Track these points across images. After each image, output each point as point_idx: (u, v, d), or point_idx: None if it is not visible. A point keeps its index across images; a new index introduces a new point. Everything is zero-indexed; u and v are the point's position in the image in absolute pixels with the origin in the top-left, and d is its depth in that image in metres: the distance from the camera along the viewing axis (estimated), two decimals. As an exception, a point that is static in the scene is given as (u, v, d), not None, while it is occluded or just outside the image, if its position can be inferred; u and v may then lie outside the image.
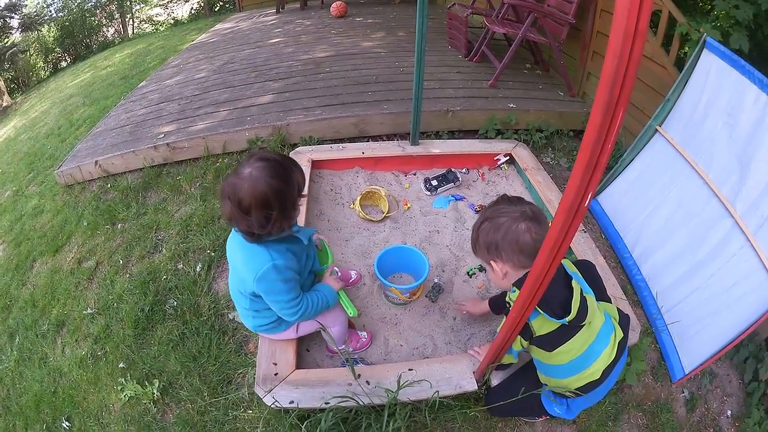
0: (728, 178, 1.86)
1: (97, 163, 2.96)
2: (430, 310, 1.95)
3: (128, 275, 2.32)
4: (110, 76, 5.88)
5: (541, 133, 3.03)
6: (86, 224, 2.73)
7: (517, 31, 3.25)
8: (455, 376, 1.56)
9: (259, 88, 3.50)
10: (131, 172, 2.97)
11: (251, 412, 1.68)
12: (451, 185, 2.56)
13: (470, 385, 1.54)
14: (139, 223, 2.61)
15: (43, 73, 10.77)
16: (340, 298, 1.59)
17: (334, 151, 2.68)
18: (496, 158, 2.71)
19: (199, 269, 2.21)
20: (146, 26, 13.21)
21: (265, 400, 1.50)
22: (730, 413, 1.83)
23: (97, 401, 1.91)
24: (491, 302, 1.79)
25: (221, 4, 10.53)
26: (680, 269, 1.97)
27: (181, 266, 2.27)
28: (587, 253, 2.04)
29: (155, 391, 1.80)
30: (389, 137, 3.01)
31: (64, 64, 10.93)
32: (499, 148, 2.77)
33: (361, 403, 1.44)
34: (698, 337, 1.81)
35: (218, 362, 1.85)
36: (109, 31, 12.28)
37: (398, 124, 2.96)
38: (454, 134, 3.05)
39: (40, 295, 2.47)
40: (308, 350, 1.79)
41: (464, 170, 2.67)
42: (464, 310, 1.87)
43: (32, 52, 10.87)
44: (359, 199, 2.37)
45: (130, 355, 1.97)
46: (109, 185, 2.95)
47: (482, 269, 2.08)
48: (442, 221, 2.37)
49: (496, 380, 1.57)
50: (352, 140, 2.96)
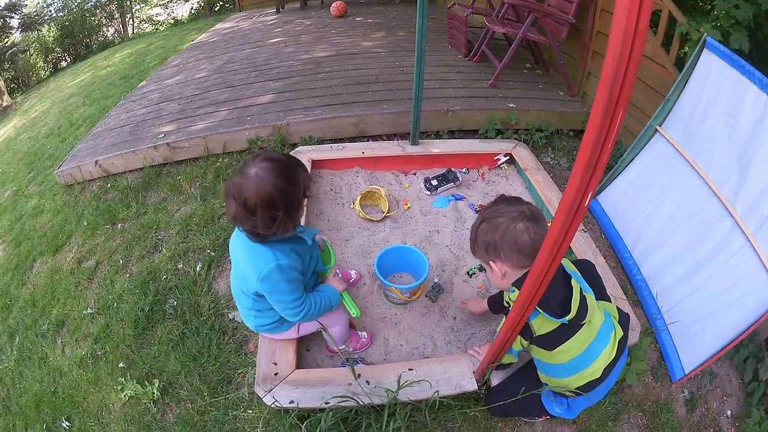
0: (728, 178, 1.87)
1: (97, 162, 2.96)
2: (430, 309, 1.95)
3: (128, 275, 2.33)
4: (110, 75, 5.88)
5: (541, 132, 3.03)
6: (86, 224, 2.73)
7: (517, 30, 3.25)
8: (455, 375, 1.56)
9: (259, 87, 3.50)
10: (131, 171, 2.97)
11: (251, 411, 1.68)
12: (451, 185, 2.56)
13: (470, 384, 1.54)
14: (139, 222, 2.61)
15: (43, 72, 10.78)
16: (343, 299, 1.59)
17: (334, 150, 2.68)
18: (496, 158, 2.71)
19: (199, 269, 2.21)
20: (146, 26, 13.23)
21: (265, 399, 1.50)
22: (730, 413, 1.83)
23: (97, 401, 1.91)
24: (489, 301, 1.79)
25: (221, 3, 10.53)
26: (680, 269, 1.97)
27: (181, 266, 2.27)
28: (587, 252, 2.04)
29: (155, 390, 1.80)
30: (389, 137, 3.01)
31: (64, 63, 10.94)
32: (499, 147, 2.77)
33: (361, 402, 1.44)
34: (698, 337, 1.81)
35: (218, 362, 1.85)
36: (109, 30, 12.30)
37: (398, 123, 2.96)
38: (454, 134, 3.05)
39: (40, 294, 2.47)
40: (308, 350, 1.79)
41: (464, 170, 2.67)
42: (466, 308, 1.87)
43: (32, 51, 10.89)
44: (359, 198, 2.37)
45: (130, 354, 1.97)
46: (109, 185, 2.95)
47: (482, 269, 2.09)
48: (442, 221, 2.37)
49: (496, 380, 1.57)
50: (352, 140, 2.96)
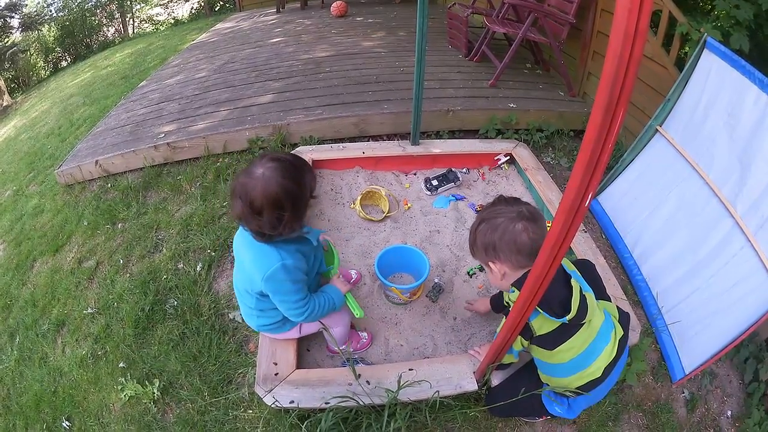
0: (729, 178, 1.86)
1: (97, 162, 2.97)
2: (430, 310, 1.95)
3: (128, 275, 2.33)
4: (110, 75, 5.88)
5: (541, 132, 3.03)
6: (86, 224, 2.73)
7: (517, 30, 3.24)
8: (455, 376, 1.56)
9: (259, 87, 3.50)
10: (131, 171, 2.97)
11: (251, 411, 1.68)
12: (451, 185, 2.56)
13: (470, 385, 1.54)
14: (139, 222, 2.61)
15: (43, 72, 10.78)
16: (347, 300, 1.60)
17: (334, 150, 2.68)
18: (496, 158, 2.71)
19: (199, 269, 2.21)
20: (146, 26, 13.23)
21: (265, 399, 1.50)
22: (730, 413, 1.83)
23: (97, 401, 1.91)
24: (492, 300, 1.80)
25: (221, 3, 10.52)
26: (681, 269, 1.97)
27: (181, 266, 2.27)
28: (587, 253, 2.04)
29: (155, 390, 1.80)
30: (390, 137, 3.01)
31: (64, 63, 10.94)
32: (499, 147, 2.76)
33: (361, 403, 1.44)
34: (698, 337, 1.81)
35: (218, 362, 1.85)
36: (109, 30, 12.30)
37: (399, 123, 2.96)
38: (454, 134, 3.05)
39: (40, 294, 2.47)
40: (308, 350, 1.79)
41: (465, 170, 2.67)
42: (474, 309, 1.87)
43: (32, 51, 10.89)
44: (359, 198, 2.37)
45: (130, 354, 1.97)
46: (109, 185, 2.95)
47: (483, 269, 2.09)
48: (442, 221, 2.37)
49: (496, 380, 1.57)
50: (352, 140, 2.96)
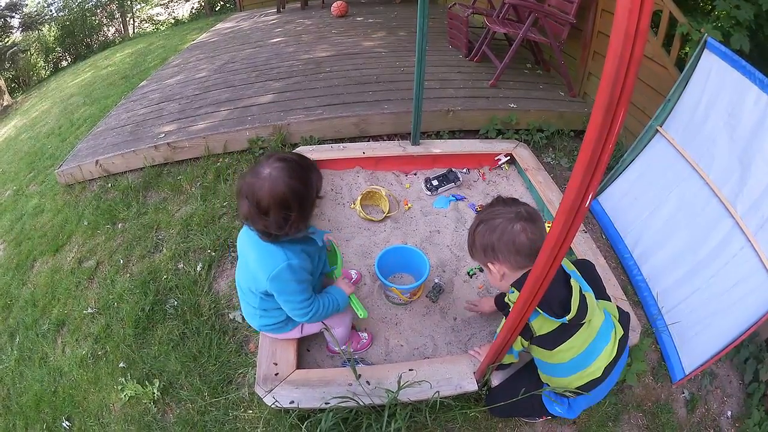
0: (729, 178, 1.86)
1: (97, 162, 2.97)
2: (430, 310, 1.95)
3: (129, 275, 2.33)
4: (111, 75, 5.88)
5: (541, 133, 3.03)
6: (87, 224, 2.73)
7: (517, 30, 3.24)
8: (456, 376, 1.56)
9: (259, 87, 3.50)
10: (132, 171, 2.97)
11: (251, 412, 1.68)
12: (451, 185, 2.56)
13: (471, 385, 1.54)
14: (139, 222, 2.61)
15: (43, 72, 10.78)
16: (351, 301, 1.60)
17: (334, 150, 2.68)
18: (496, 158, 2.71)
19: (199, 269, 2.21)
20: (147, 26, 13.22)
21: (265, 400, 1.50)
22: (730, 414, 1.83)
23: (97, 401, 1.91)
24: (496, 300, 1.81)
25: (222, 3, 10.52)
26: (681, 270, 1.97)
27: (181, 266, 2.27)
28: (588, 253, 2.04)
29: (155, 390, 1.80)
30: (390, 137, 3.01)
31: (64, 63, 10.94)
32: (499, 148, 2.76)
33: (361, 403, 1.44)
34: (698, 337, 1.81)
35: (219, 362, 1.85)
36: (109, 30, 12.29)
37: (399, 123, 2.96)
38: (454, 134, 3.05)
39: (40, 294, 2.47)
40: (308, 350, 1.79)
41: (465, 170, 2.67)
42: (478, 310, 1.87)
43: (33, 51, 10.89)
44: (360, 199, 2.37)
45: (130, 354, 1.97)
46: (109, 185, 2.95)
47: (482, 269, 2.08)
48: (442, 221, 2.37)
49: (496, 380, 1.57)
50: (352, 140, 2.96)
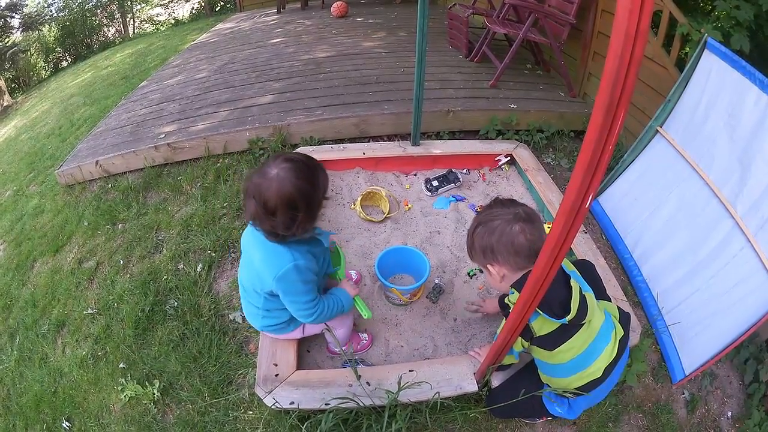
0: (729, 179, 1.86)
1: (97, 163, 2.97)
2: (430, 311, 1.95)
3: (129, 275, 2.32)
4: (111, 75, 5.89)
5: (542, 133, 3.03)
6: (87, 224, 2.73)
7: (517, 31, 3.24)
8: (456, 377, 1.56)
9: (260, 88, 3.50)
10: (132, 172, 2.97)
11: (251, 412, 1.68)
12: (451, 186, 2.56)
13: (471, 386, 1.54)
14: (139, 223, 2.61)
15: (43, 72, 10.78)
16: (355, 302, 1.60)
17: (334, 151, 2.68)
18: (496, 159, 2.71)
19: (199, 269, 2.21)
20: (147, 26, 13.22)
21: (265, 400, 1.50)
22: (730, 414, 1.83)
23: (97, 401, 1.91)
24: (500, 300, 1.80)
25: (222, 4, 10.53)
26: (681, 270, 1.96)
27: (181, 266, 2.27)
28: (588, 253, 2.04)
29: (155, 391, 1.80)
30: (390, 138, 3.01)
31: (64, 63, 10.94)
32: (499, 148, 2.76)
33: (361, 404, 1.44)
34: (699, 338, 1.81)
35: (219, 363, 1.85)
36: (109, 30, 12.30)
37: (399, 124, 2.96)
38: (454, 135, 3.05)
39: (40, 295, 2.47)
40: (309, 351, 1.79)
41: (465, 171, 2.67)
42: (482, 312, 1.87)
43: (33, 51, 10.89)
44: (360, 199, 2.37)
45: (130, 355, 1.97)
46: (109, 185, 2.95)
47: (482, 270, 2.08)
48: (442, 222, 2.37)
49: (496, 381, 1.57)
50: (352, 140, 2.96)
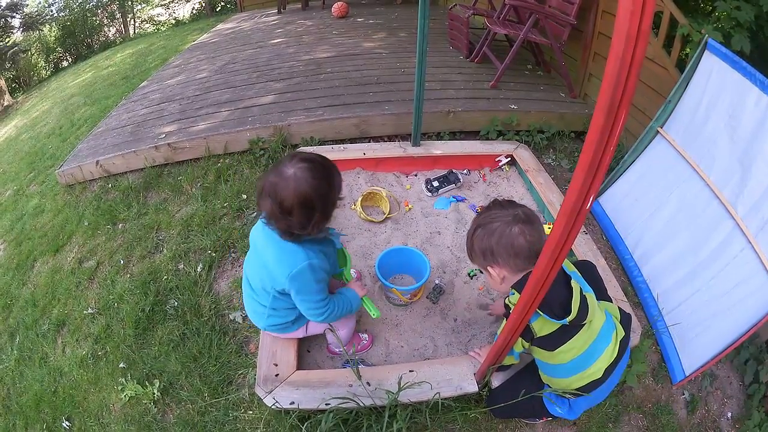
0: (729, 180, 1.86)
1: (98, 162, 2.97)
2: (431, 311, 1.95)
3: (129, 275, 2.33)
4: (111, 75, 5.89)
5: (542, 134, 3.03)
6: (87, 224, 2.73)
7: (518, 32, 3.25)
8: (456, 377, 1.56)
9: (260, 88, 3.50)
10: (132, 172, 2.97)
11: (252, 412, 1.68)
12: (452, 186, 2.56)
13: (471, 386, 1.54)
14: (139, 223, 2.61)
15: (44, 72, 10.78)
16: (363, 302, 1.61)
17: (335, 151, 2.68)
18: (497, 159, 2.71)
19: (200, 269, 2.21)
20: (148, 26, 13.23)
21: (265, 400, 1.50)
22: (730, 415, 1.83)
23: (97, 401, 1.91)
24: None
25: (223, 4, 10.53)
26: (681, 271, 1.97)
27: (182, 266, 2.27)
28: (588, 254, 2.04)
29: (156, 391, 1.80)
30: (390, 138, 3.01)
31: (65, 63, 10.95)
32: (500, 149, 2.76)
33: (361, 404, 1.44)
34: (699, 339, 1.81)
35: (219, 363, 1.85)
36: (110, 30, 12.31)
37: (399, 125, 2.96)
38: (455, 135, 3.05)
39: (40, 294, 2.47)
40: (309, 351, 1.79)
41: (465, 171, 2.67)
42: (494, 314, 1.89)
43: (33, 51, 10.89)
44: (360, 200, 2.37)
45: (130, 355, 1.97)
46: (110, 185, 2.95)
47: (483, 271, 2.09)
48: (443, 222, 2.37)
49: (496, 381, 1.57)
50: (353, 141, 2.96)
